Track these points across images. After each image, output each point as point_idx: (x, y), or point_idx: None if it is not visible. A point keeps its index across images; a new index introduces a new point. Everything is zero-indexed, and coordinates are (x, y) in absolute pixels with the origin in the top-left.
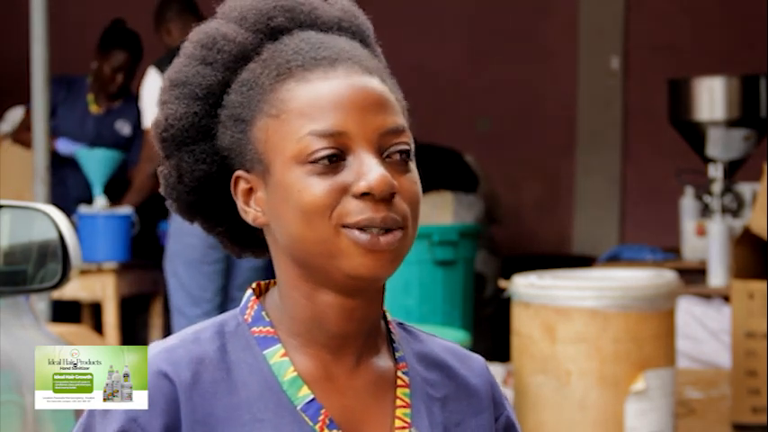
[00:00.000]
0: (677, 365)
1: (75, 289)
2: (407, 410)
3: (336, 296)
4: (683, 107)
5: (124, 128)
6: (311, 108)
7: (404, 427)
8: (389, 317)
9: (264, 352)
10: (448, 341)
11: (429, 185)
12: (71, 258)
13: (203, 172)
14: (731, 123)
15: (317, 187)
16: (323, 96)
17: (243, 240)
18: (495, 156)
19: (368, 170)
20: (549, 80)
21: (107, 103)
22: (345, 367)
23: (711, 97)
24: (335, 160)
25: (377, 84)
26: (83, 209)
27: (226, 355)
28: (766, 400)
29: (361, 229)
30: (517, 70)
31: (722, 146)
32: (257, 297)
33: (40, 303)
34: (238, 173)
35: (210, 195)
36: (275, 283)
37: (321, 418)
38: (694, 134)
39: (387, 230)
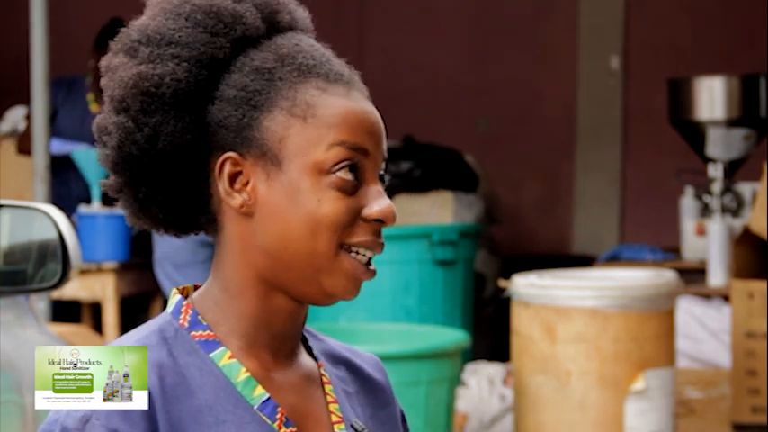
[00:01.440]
0: (677, 365)
1: (75, 289)
2: (337, 405)
3: (289, 300)
4: (683, 107)
5: None
6: (341, 120)
7: (339, 422)
8: None
9: (211, 355)
10: (336, 340)
11: (429, 185)
12: (71, 258)
13: (185, 140)
14: (731, 123)
15: (337, 203)
16: (351, 112)
17: (174, 217)
18: (495, 156)
19: (381, 198)
20: (549, 80)
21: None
22: (282, 367)
23: (711, 97)
24: (354, 176)
25: (378, 114)
26: (83, 209)
27: (175, 360)
28: (766, 400)
29: (358, 253)
30: (517, 70)
31: (722, 146)
32: (187, 301)
33: (40, 303)
34: (230, 154)
35: (171, 164)
36: (197, 286)
37: (278, 416)
38: (694, 134)
39: (367, 262)
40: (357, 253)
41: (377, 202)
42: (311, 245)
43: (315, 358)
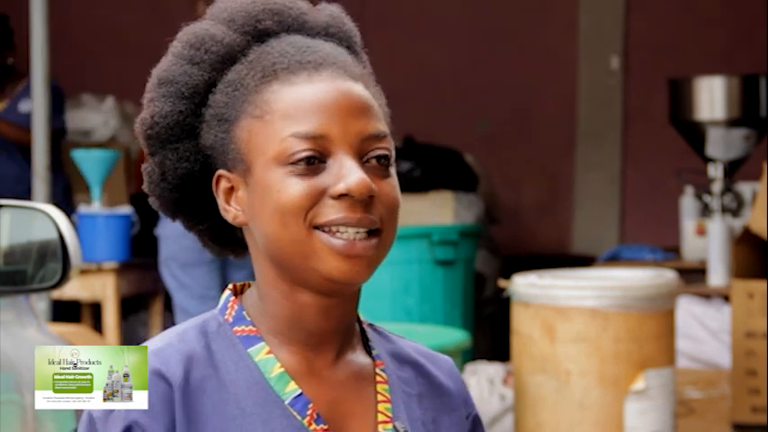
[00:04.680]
0: (677, 365)
1: (75, 289)
2: (388, 405)
3: (314, 296)
4: (683, 107)
5: (28, 106)
6: (294, 110)
7: (386, 422)
8: (362, 317)
9: (248, 350)
10: (415, 342)
11: (429, 185)
12: (71, 258)
13: (186, 170)
14: (731, 123)
15: (294, 188)
16: (306, 99)
17: (223, 239)
18: (495, 156)
19: (347, 173)
20: (549, 80)
21: (8, 94)
22: (326, 362)
23: (711, 97)
24: (315, 162)
25: (360, 89)
26: (83, 209)
27: (211, 353)
28: (766, 399)
29: (336, 231)
30: (517, 70)
31: (722, 146)
32: (235, 297)
33: (40, 303)
34: (220, 172)
35: (193, 193)
36: (250, 284)
37: (309, 412)
38: (694, 134)
39: (369, 233)
40: (335, 232)
41: (344, 179)
42: (285, 235)
43: (373, 357)
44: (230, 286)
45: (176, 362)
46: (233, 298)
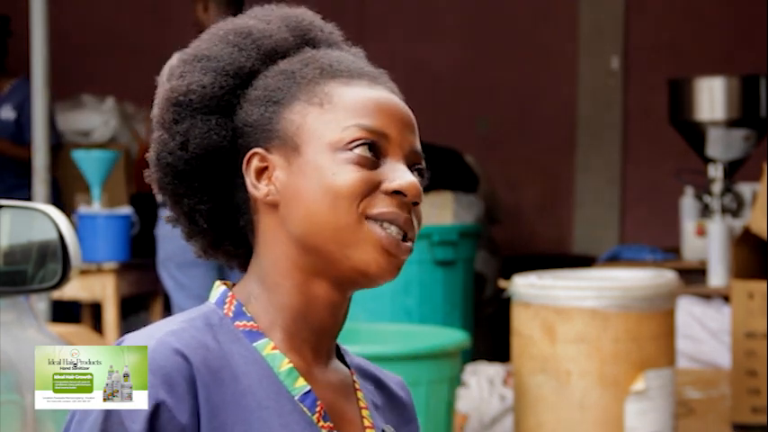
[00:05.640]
0: (677, 365)
1: (75, 289)
2: (368, 412)
3: (328, 289)
4: (683, 107)
5: (9, 113)
6: (359, 106)
7: (371, 427)
8: None
9: (255, 344)
10: (362, 358)
11: (429, 185)
12: (71, 258)
13: (214, 142)
14: (731, 123)
15: (353, 174)
16: (370, 99)
17: (218, 225)
18: (495, 156)
19: (402, 174)
20: (549, 80)
21: None
22: (320, 364)
23: (711, 97)
24: (374, 153)
25: (407, 108)
26: (83, 209)
27: (220, 345)
28: (766, 400)
29: (384, 226)
30: (517, 70)
31: (722, 146)
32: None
33: (40, 303)
34: (256, 149)
35: (207, 169)
36: (233, 284)
37: (318, 409)
38: (694, 134)
39: (403, 238)
40: (385, 228)
41: (398, 176)
42: (332, 218)
43: (348, 366)
44: (221, 282)
45: (194, 347)
46: (230, 293)
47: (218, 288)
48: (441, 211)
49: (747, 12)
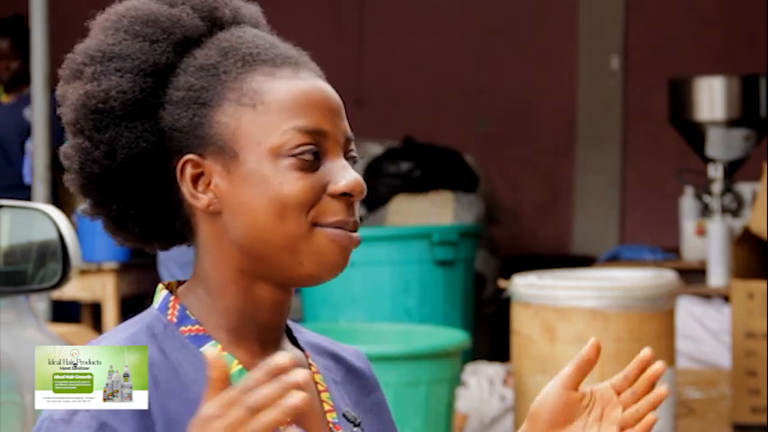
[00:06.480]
0: (677, 365)
1: (75, 289)
2: (327, 394)
3: (272, 290)
4: (683, 107)
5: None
6: (292, 104)
7: (331, 410)
8: None
9: (201, 349)
10: (314, 332)
11: (429, 186)
12: (71, 258)
13: (142, 149)
14: (731, 123)
15: (299, 182)
16: (301, 94)
17: (150, 228)
18: (495, 156)
19: (346, 172)
20: (549, 80)
21: (18, 91)
22: (270, 356)
23: (711, 97)
24: (315, 156)
25: (333, 91)
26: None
27: (166, 356)
28: (766, 400)
29: (335, 230)
30: (517, 70)
31: (722, 146)
32: (175, 296)
33: (40, 303)
34: (190, 156)
35: (136, 175)
36: (179, 283)
37: None
38: (694, 134)
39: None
40: (335, 231)
41: (342, 177)
42: (282, 229)
43: (301, 349)
44: (163, 285)
45: None
46: (173, 297)
47: (161, 292)
48: (441, 211)
49: (747, 11)
